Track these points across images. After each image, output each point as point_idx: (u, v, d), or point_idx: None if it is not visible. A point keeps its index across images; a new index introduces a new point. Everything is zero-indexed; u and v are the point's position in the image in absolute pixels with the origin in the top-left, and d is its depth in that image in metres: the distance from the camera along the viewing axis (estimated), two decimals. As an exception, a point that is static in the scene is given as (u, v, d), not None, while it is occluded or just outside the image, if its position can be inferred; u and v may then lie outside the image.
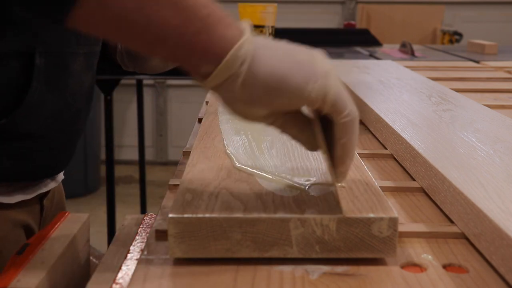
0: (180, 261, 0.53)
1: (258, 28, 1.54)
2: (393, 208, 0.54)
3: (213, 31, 0.48)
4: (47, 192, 0.88)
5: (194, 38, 0.48)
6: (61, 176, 0.93)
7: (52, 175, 0.87)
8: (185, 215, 0.52)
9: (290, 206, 0.54)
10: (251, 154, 0.71)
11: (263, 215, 0.52)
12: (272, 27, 1.55)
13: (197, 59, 0.49)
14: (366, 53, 2.30)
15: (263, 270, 0.52)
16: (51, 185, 0.88)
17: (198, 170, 0.67)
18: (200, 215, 0.52)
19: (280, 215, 0.52)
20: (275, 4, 1.56)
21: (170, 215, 0.52)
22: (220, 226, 0.52)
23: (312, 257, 0.53)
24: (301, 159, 0.69)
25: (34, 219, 0.84)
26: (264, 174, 0.63)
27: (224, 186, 0.61)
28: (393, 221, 0.52)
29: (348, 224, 0.52)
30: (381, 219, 0.52)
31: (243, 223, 0.52)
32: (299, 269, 0.52)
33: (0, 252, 0.76)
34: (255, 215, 0.52)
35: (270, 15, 1.53)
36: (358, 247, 0.52)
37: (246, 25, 0.51)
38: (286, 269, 0.52)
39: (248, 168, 0.65)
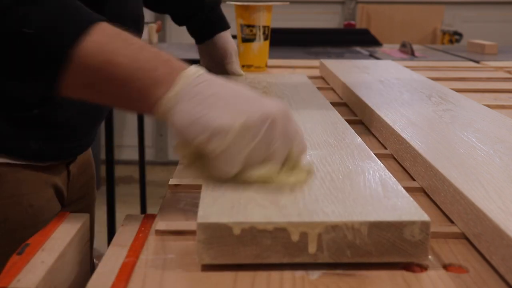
0: (180, 261, 0.53)
1: (249, 27, 1.54)
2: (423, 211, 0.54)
3: (152, 88, 0.61)
4: (74, 160, 0.96)
5: (145, 97, 0.61)
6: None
7: (75, 155, 0.95)
8: (214, 221, 0.51)
9: (320, 207, 0.54)
10: None
11: (294, 220, 0.51)
12: (266, 27, 1.55)
13: (144, 110, 0.63)
14: (366, 53, 2.30)
15: (263, 270, 0.51)
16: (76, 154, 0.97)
17: None
18: (229, 220, 0.51)
19: (311, 219, 0.52)
20: (270, 4, 1.56)
21: (199, 221, 0.51)
22: (250, 231, 0.51)
23: (343, 262, 0.52)
24: None
25: (62, 182, 0.93)
26: None
27: (249, 184, 0.60)
28: (425, 225, 0.52)
29: (380, 228, 0.51)
30: (413, 222, 0.52)
31: (273, 228, 0.51)
32: (299, 269, 0.52)
33: (32, 206, 0.85)
34: (286, 219, 0.51)
35: (261, 15, 1.53)
36: (390, 251, 0.52)
37: (184, 74, 0.61)
38: (286, 269, 0.52)
39: None
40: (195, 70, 0.62)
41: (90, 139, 0.97)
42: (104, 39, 0.61)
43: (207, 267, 0.52)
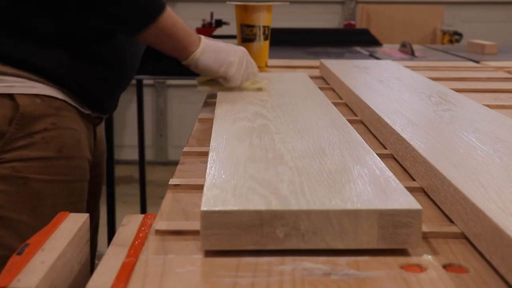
0: (180, 261, 0.53)
1: (249, 27, 1.54)
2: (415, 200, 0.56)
3: (189, 46, 1.11)
4: (99, 123, 1.21)
5: (185, 50, 1.12)
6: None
7: (108, 111, 1.21)
8: (216, 209, 0.54)
9: (318, 197, 0.57)
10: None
11: (294, 208, 0.54)
12: (266, 26, 1.55)
13: (182, 58, 1.13)
14: (366, 53, 2.30)
15: (263, 270, 0.52)
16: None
17: (222, 160, 0.69)
18: (230, 208, 0.54)
19: (309, 208, 0.54)
20: (270, 4, 1.56)
21: (202, 209, 0.54)
22: (251, 218, 0.54)
23: (340, 249, 0.54)
24: None
25: (91, 136, 1.15)
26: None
27: (252, 174, 0.63)
28: (418, 213, 0.54)
29: (374, 216, 0.54)
30: (406, 210, 0.54)
31: (274, 216, 0.54)
32: (299, 269, 0.52)
33: (80, 141, 1.08)
34: (285, 208, 0.54)
35: (261, 15, 1.53)
36: (384, 238, 0.54)
37: (202, 40, 1.13)
38: (286, 269, 0.52)
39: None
40: (204, 37, 1.14)
41: (115, 101, 1.21)
42: (172, 13, 1.06)
43: (208, 268, 0.52)
